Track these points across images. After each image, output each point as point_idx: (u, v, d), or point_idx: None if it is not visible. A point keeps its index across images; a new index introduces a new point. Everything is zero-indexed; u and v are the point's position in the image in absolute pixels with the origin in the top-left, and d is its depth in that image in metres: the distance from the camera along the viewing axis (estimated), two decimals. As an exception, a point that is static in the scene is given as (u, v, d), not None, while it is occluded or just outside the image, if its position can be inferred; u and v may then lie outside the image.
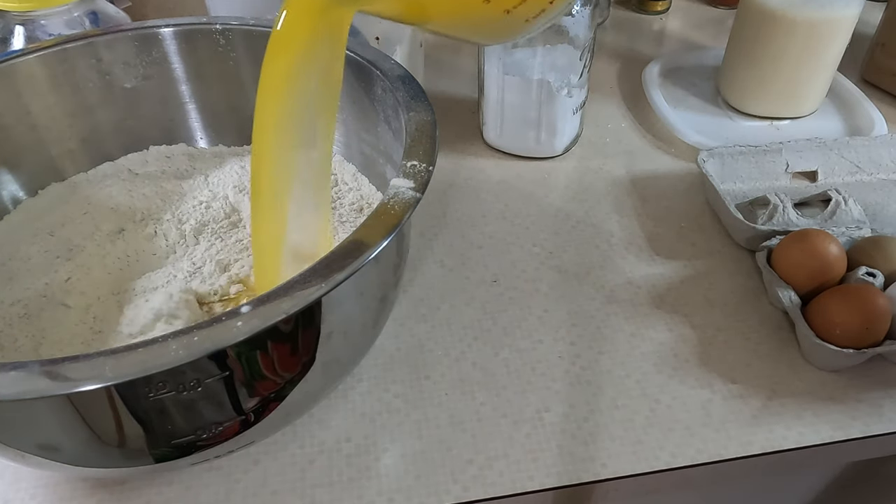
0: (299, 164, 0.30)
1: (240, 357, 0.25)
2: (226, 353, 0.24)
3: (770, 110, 0.55)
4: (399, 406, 0.35)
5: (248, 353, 0.25)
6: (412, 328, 0.39)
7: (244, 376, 0.26)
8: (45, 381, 0.21)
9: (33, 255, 0.36)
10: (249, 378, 0.26)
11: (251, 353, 0.25)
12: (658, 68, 0.60)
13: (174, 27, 0.41)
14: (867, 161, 0.48)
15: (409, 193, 0.27)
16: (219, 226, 0.39)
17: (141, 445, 0.26)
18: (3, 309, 0.33)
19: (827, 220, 0.43)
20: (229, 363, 0.25)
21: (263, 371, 0.26)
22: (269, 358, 0.26)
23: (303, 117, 0.29)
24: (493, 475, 0.32)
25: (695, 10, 0.75)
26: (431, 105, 0.33)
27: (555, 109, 0.48)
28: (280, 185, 0.30)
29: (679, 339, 0.38)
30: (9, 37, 0.45)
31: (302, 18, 0.27)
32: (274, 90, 0.28)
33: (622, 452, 0.33)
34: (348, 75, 0.38)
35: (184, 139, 0.45)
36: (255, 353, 0.26)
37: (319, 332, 0.27)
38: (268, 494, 0.31)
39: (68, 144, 0.41)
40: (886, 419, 0.34)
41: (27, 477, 0.32)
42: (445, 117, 0.56)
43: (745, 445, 0.33)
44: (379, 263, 0.28)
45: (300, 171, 0.31)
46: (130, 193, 0.40)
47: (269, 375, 0.27)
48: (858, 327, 0.34)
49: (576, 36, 0.45)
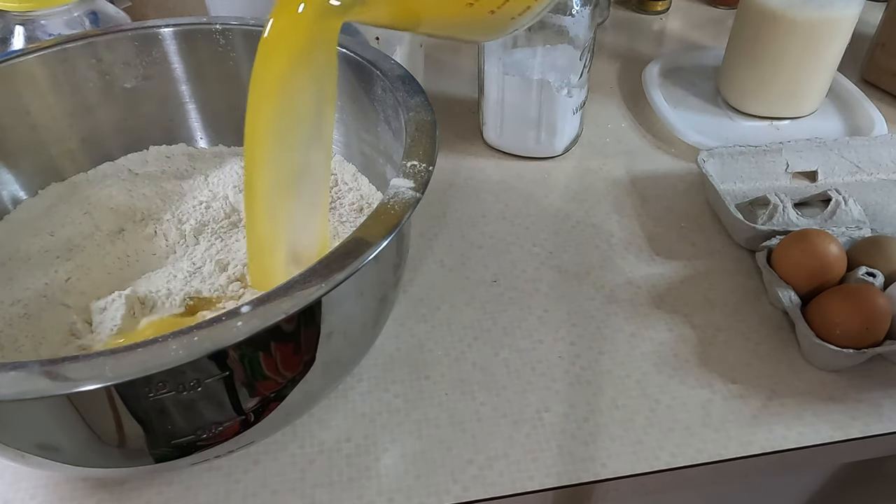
0: (292, 166, 0.30)
1: (240, 357, 0.25)
2: (226, 353, 0.24)
3: (770, 110, 0.55)
4: (399, 406, 0.35)
5: (249, 354, 0.25)
6: (412, 328, 0.39)
7: (244, 376, 0.26)
8: (45, 381, 0.21)
9: (33, 255, 0.36)
10: (249, 378, 0.26)
11: (251, 353, 0.25)
12: (658, 68, 0.59)
13: (174, 27, 0.41)
14: (867, 161, 0.48)
15: (409, 193, 0.27)
16: (219, 226, 0.39)
17: (141, 445, 0.26)
18: (3, 309, 0.33)
19: (827, 220, 0.43)
20: (229, 363, 0.25)
21: (263, 371, 0.26)
22: (269, 358, 0.26)
23: (295, 121, 0.29)
24: (493, 475, 0.32)
25: (695, 10, 0.75)
26: (431, 105, 0.33)
27: (555, 109, 0.48)
28: (273, 186, 0.30)
29: (679, 339, 0.38)
30: (9, 37, 0.45)
31: (287, 28, 0.27)
32: (263, 94, 0.28)
33: (622, 452, 0.33)
34: (348, 75, 0.38)
35: (184, 139, 0.45)
36: (256, 353, 0.26)
37: (319, 332, 0.27)
38: (268, 494, 0.31)
39: (68, 144, 0.41)
40: (886, 419, 0.34)
41: (27, 477, 0.32)
42: (445, 117, 0.56)
43: (745, 445, 0.33)
44: (379, 263, 0.28)
45: (294, 173, 0.31)
46: (130, 193, 0.40)
47: (269, 375, 0.27)
48: (858, 327, 0.34)
49: (576, 36, 0.45)
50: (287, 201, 0.31)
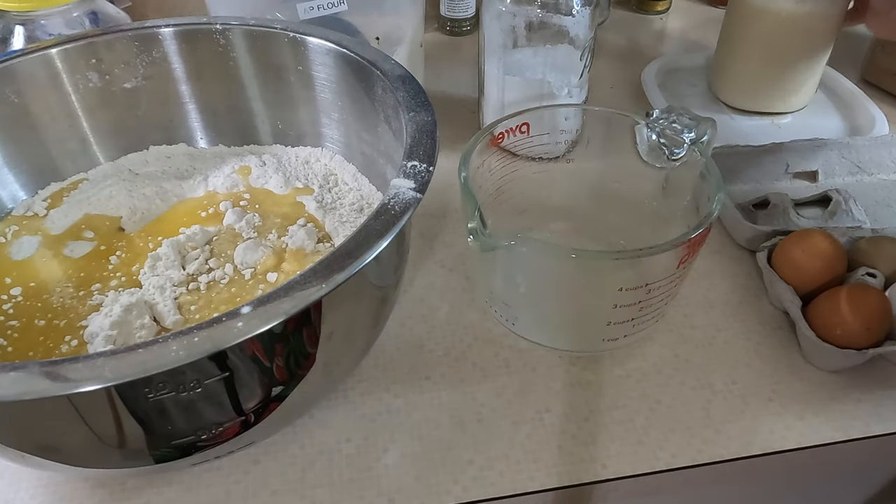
0: None
1: (240, 358, 0.25)
2: (226, 354, 0.24)
3: (760, 105, 0.55)
4: (399, 406, 0.35)
5: (249, 354, 0.25)
6: (412, 328, 0.38)
7: (244, 377, 0.26)
8: (45, 382, 0.21)
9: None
10: (249, 379, 0.26)
11: (251, 353, 0.25)
12: (658, 68, 0.59)
13: (174, 27, 0.41)
14: (867, 161, 0.48)
15: (410, 193, 0.27)
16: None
17: (141, 446, 0.26)
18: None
19: (827, 220, 0.43)
20: (229, 364, 0.25)
21: (264, 371, 0.26)
22: (269, 359, 0.26)
23: None
24: (493, 475, 0.32)
25: (695, 10, 0.75)
26: (431, 105, 0.33)
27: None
28: None
29: (679, 339, 0.38)
30: (9, 37, 0.45)
31: None
32: None
33: (622, 453, 0.33)
34: (348, 75, 0.38)
35: (184, 139, 0.45)
36: (256, 353, 0.25)
37: (320, 333, 0.27)
38: (268, 495, 0.31)
39: (68, 144, 0.41)
40: (886, 419, 0.34)
41: (27, 477, 0.32)
42: (445, 117, 0.55)
43: (745, 446, 0.33)
44: (379, 263, 0.28)
45: None
46: (130, 193, 0.40)
47: (269, 376, 0.27)
48: (859, 328, 0.34)
49: (576, 36, 0.45)
50: None
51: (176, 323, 0.32)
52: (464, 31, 0.70)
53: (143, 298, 0.33)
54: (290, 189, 0.40)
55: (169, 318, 0.32)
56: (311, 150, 0.43)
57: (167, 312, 0.32)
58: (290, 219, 0.38)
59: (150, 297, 0.33)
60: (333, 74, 0.40)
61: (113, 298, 0.33)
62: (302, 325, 0.26)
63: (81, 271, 0.36)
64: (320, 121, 0.42)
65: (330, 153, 0.43)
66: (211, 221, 0.38)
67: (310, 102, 0.42)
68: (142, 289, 0.34)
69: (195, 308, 0.33)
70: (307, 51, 0.39)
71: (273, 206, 0.39)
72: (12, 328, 0.32)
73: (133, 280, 0.35)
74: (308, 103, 0.42)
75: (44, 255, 0.36)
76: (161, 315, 0.33)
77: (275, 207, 0.39)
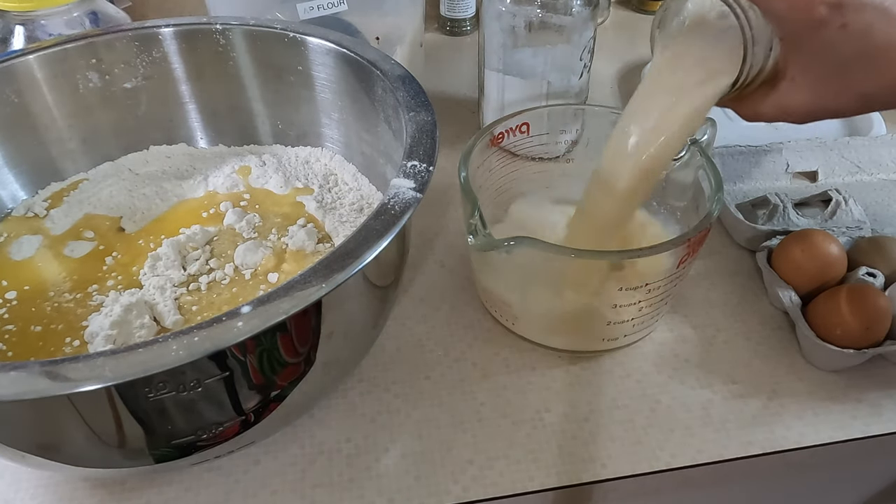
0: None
1: (240, 357, 0.25)
2: (226, 354, 0.24)
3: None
4: (399, 406, 0.35)
5: (249, 354, 0.25)
6: (412, 328, 0.38)
7: (244, 377, 0.26)
8: (45, 382, 0.21)
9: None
10: (249, 378, 0.26)
11: (252, 353, 0.25)
12: (658, 68, 0.59)
13: (174, 27, 0.41)
14: (867, 161, 0.48)
15: (410, 193, 0.27)
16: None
17: (141, 445, 0.26)
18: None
19: (827, 220, 0.43)
20: (229, 363, 0.25)
21: (264, 371, 0.26)
22: (269, 358, 0.26)
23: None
24: (493, 475, 0.32)
25: (695, 10, 0.75)
26: (431, 105, 0.33)
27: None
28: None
29: (679, 339, 0.38)
30: (9, 37, 0.45)
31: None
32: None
33: (622, 453, 0.33)
34: (349, 75, 0.38)
35: (184, 139, 0.45)
36: (256, 353, 0.25)
37: (319, 333, 0.27)
38: (268, 494, 0.31)
39: (68, 144, 0.41)
40: (886, 419, 0.34)
41: (27, 477, 0.32)
42: (445, 117, 0.55)
43: (745, 446, 0.33)
44: (379, 263, 0.28)
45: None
46: (130, 193, 0.40)
47: (269, 376, 0.27)
48: (859, 327, 0.34)
49: (576, 36, 0.45)
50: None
51: (176, 323, 0.32)
52: (464, 31, 0.70)
53: (144, 298, 0.33)
54: (290, 189, 0.40)
55: (169, 318, 0.32)
56: (311, 150, 0.43)
57: (167, 312, 0.32)
58: (290, 219, 0.38)
59: (150, 297, 0.33)
60: (333, 74, 0.40)
61: (113, 298, 0.33)
62: (302, 325, 0.26)
63: (82, 271, 0.36)
64: (320, 121, 0.42)
65: (330, 153, 0.43)
66: (211, 221, 0.38)
67: (310, 102, 0.42)
68: (142, 289, 0.34)
69: (196, 308, 0.33)
70: (307, 51, 0.39)
71: (273, 206, 0.39)
72: (10, 332, 0.32)
73: (133, 280, 0.35)
74: (308, 103, 0.42)
75: (44, 256, 0.36)
76: (161, 315, 0.33)
77: (275, 207, 0.39)
